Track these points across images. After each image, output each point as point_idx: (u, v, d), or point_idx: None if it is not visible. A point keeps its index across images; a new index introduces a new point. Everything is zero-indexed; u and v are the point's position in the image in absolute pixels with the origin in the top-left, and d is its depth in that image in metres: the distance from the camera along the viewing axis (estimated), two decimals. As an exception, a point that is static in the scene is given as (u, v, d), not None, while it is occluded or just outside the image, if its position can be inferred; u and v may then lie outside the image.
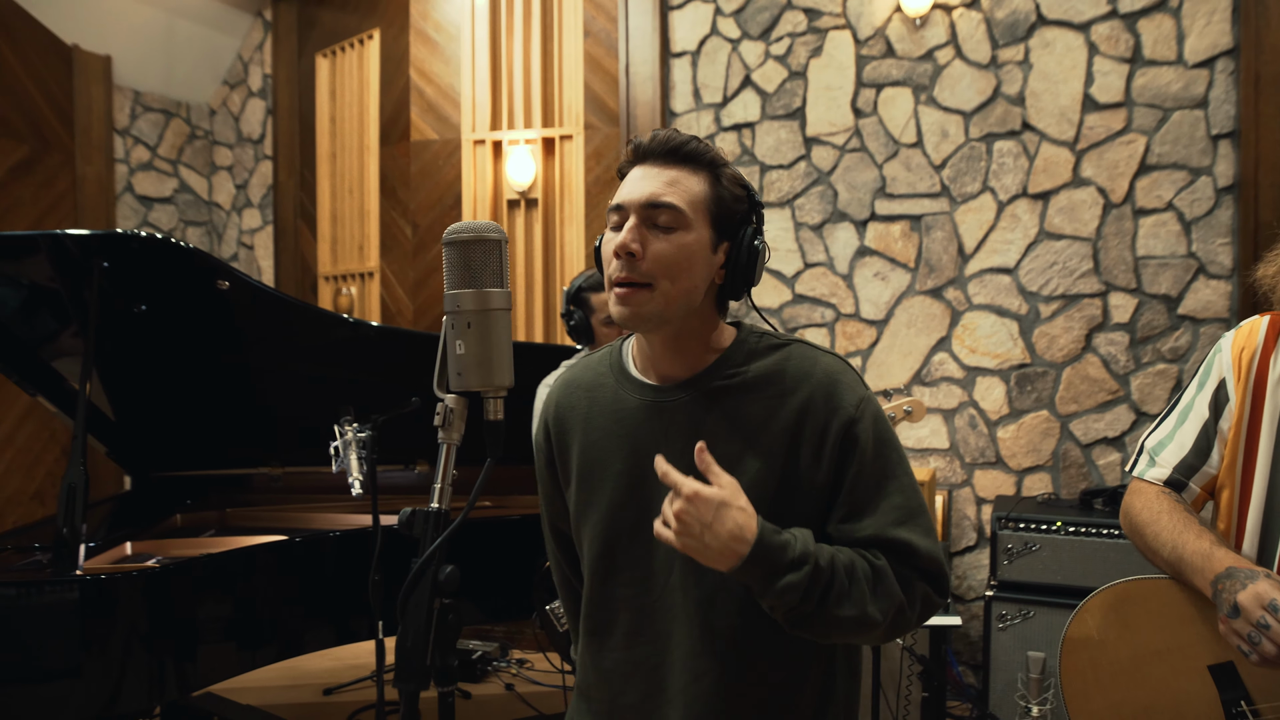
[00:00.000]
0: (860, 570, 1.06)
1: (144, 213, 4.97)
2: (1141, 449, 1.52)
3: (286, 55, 5.01)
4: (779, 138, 3.78)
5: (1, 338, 2.67)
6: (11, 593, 1.97)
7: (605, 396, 1.20)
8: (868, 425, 1.11)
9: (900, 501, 1.11)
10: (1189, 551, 1.33)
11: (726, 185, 1.13)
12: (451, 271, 0.90)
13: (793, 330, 3.77)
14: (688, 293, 1.09)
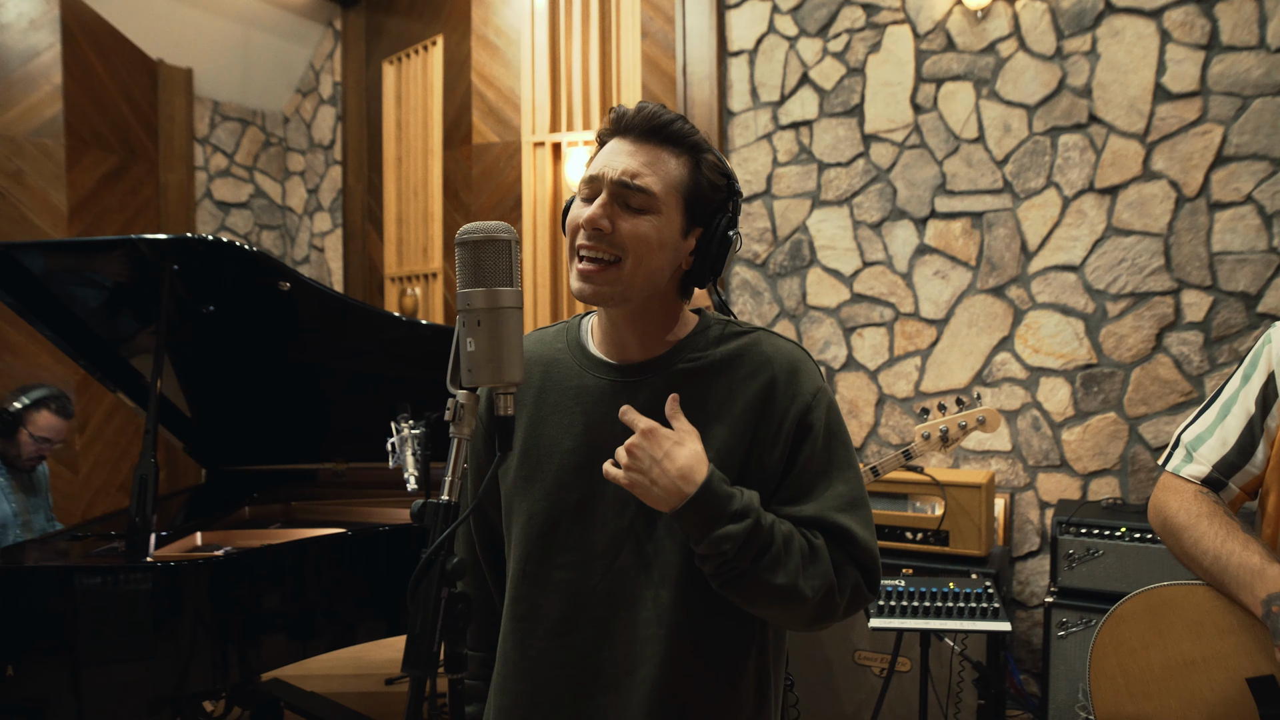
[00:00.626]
0: (797, 543, 1.05)
1: (221, 217, 5.19)
2: (1177, 442, 1.44)
3: (355, 63, 5.16)
4: (837, 135, 3.74)
5: (85, 337, 2.83)
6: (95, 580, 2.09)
7: (561, 373, 1.17)
8: (821, 414, 1.11)
9: (844, 490, 1.10)
10: (1235, 564, 1.25)
11: (706, 172, 1.10)
12: (463, 271, 0.92)
13: (851, 330, 3.73)
14: (650, 274, 1.08)
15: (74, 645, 2.09)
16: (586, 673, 1.09)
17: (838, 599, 1.07)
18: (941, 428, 2.36)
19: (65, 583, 2.10)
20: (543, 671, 1.11)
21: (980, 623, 2.00)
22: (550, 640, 1.11)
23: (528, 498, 1.14)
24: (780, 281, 3.88)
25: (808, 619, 1.08)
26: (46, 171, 4.06)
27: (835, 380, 3.76)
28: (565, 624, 1.10)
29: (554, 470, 1.13)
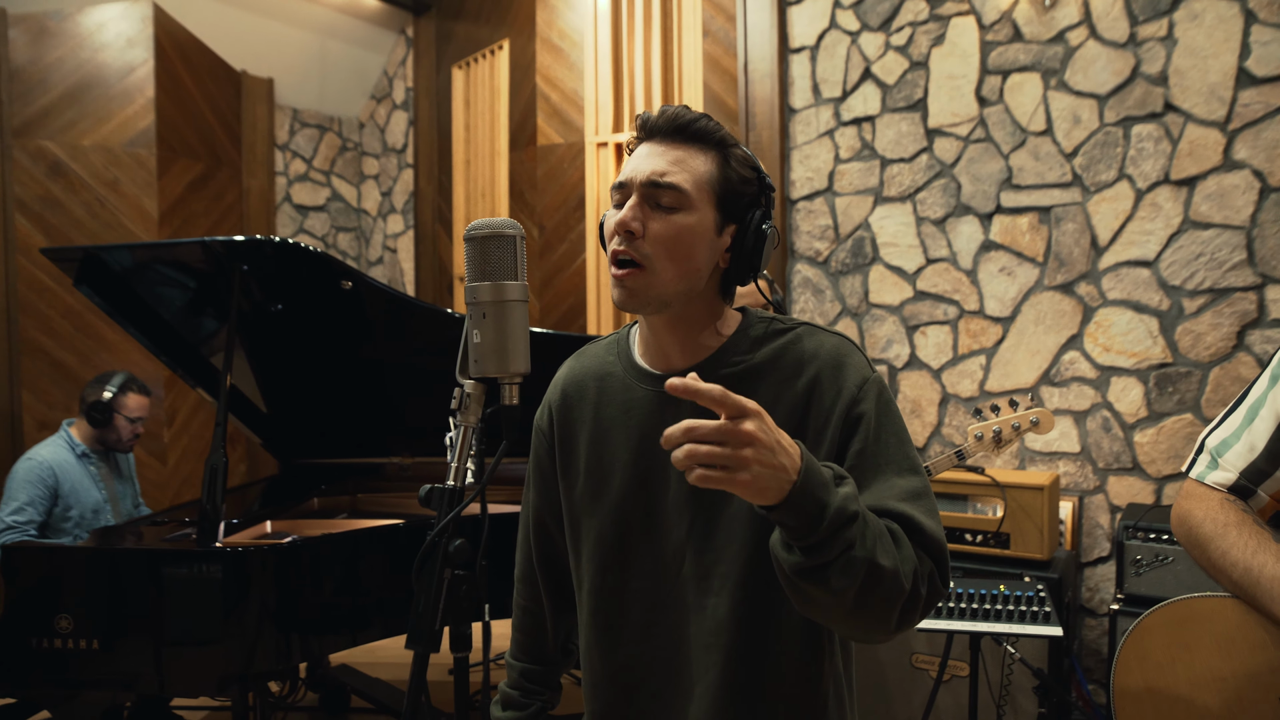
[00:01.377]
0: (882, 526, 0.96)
1: (300, 220, 5.40)
2: (1201, 447, 1.36)
3: (426, 68, 5.31)
4: (900, 130, 3.68)
5: (168, 335, 2.99)
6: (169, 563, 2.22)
7: (613, 385, 1.17)
8: (870, 404, 1.06)
9: (903, 484, 1.04)
10: (1267, 577, 1.17)
11: (735, 166, 1.09)
12: (471, 266, 0.95)
13: (914, 328, 3.66)
14: (688, 275, 1.06)
15: (157, 623, 2.22)
16: (668, 678, 1.11)
17: (922, 589, 0.98)
18: (994, 429, 2.31)
19: (144, 565, 2.23)
20: (629, 677, 1.13)
21: (1031, 626, 1.95)
22: (633, 647, 1.13)
23: (596, 514, 1.15)
24: (842, 279, 3.84)
25: (896, 618, 0.96)
26: (140, 179, 4.30)
27: (898, 379, 3.70)
28: (646, 630, 1.12)
29: (617, 485, 1.13)
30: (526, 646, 1.31)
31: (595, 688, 1.18)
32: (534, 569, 1.30)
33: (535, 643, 1.31)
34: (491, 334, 0.94)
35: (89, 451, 3.20)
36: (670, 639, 1.11)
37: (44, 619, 2.26)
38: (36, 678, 2.29)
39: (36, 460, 3.06)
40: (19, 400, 4.03)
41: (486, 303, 0.94)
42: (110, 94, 4.24)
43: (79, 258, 2.56)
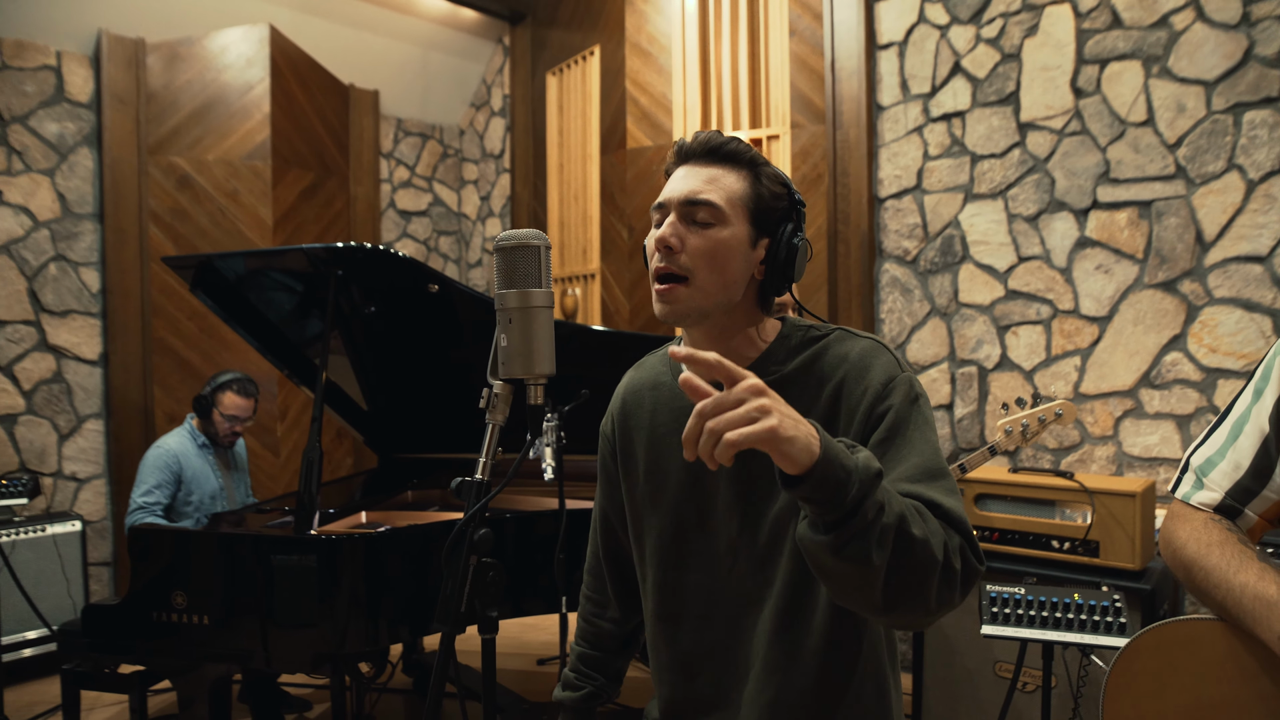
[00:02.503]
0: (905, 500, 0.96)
1: (404, 225, 5.65)
2: (1186, 466, 1.29)
3: (522, 76, 5.47)
4: (991, 125, 3.58)
5: (277, 338, 3.21)
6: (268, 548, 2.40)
7: (665, 395, 1.25)
8: (895, 401, 1.09)
9: (920, 463, 1.05)
10: (1249, 597, 1.11)
11: (766, 184, 1.15)
12: (499, 274, 1.02)
13: (1005, 328, 3.56)
14: (725, 287, 1.12)
15: (258, 602, 2.40)
16: (728, 663, 1.19)
17: (955, 562, 0.96)
18: (1022, 422, 2.30)
19: (246, 548, 2.42)
20: (693, 662, 1.22)
21: (1102, 637, 1.89)
22: (695, 635, 1.21)
23: (656, 514, 1.24)
24: (931, 278, 3.77)
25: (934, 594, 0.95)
26: (256, 190, 4.60)
27: (988, 380, 3.61)
28: (705, 621, 1.21)
29: (673, 487, 1.22)
30: (587, 633, 1.42)
31: (661, 673, 1.27)
32: (600, 562, 1.41)
33: (596, 630, 1.41)
34: (518, 338, 1.00)
35: (207, 443, 3.47)
36: (727, 628, 1.19)
37: (163, 594, 2.48)
38: (157, 647, 2.51)
39: (163, 449, 3.34)
40: (151, 395, 4.39)
41: (513, 309, 1.01)
42: (231, 111, 4.55)
43: (195, 265, 2.79)
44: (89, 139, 4.30)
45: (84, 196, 4.29)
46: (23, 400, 4.11)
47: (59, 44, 4.22)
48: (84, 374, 4.28)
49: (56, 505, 4.20)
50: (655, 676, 1.29)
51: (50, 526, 3.86)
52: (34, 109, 4.15)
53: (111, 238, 4.30)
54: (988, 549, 2.97)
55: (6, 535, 3.70)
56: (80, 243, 4.27)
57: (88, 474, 4.28)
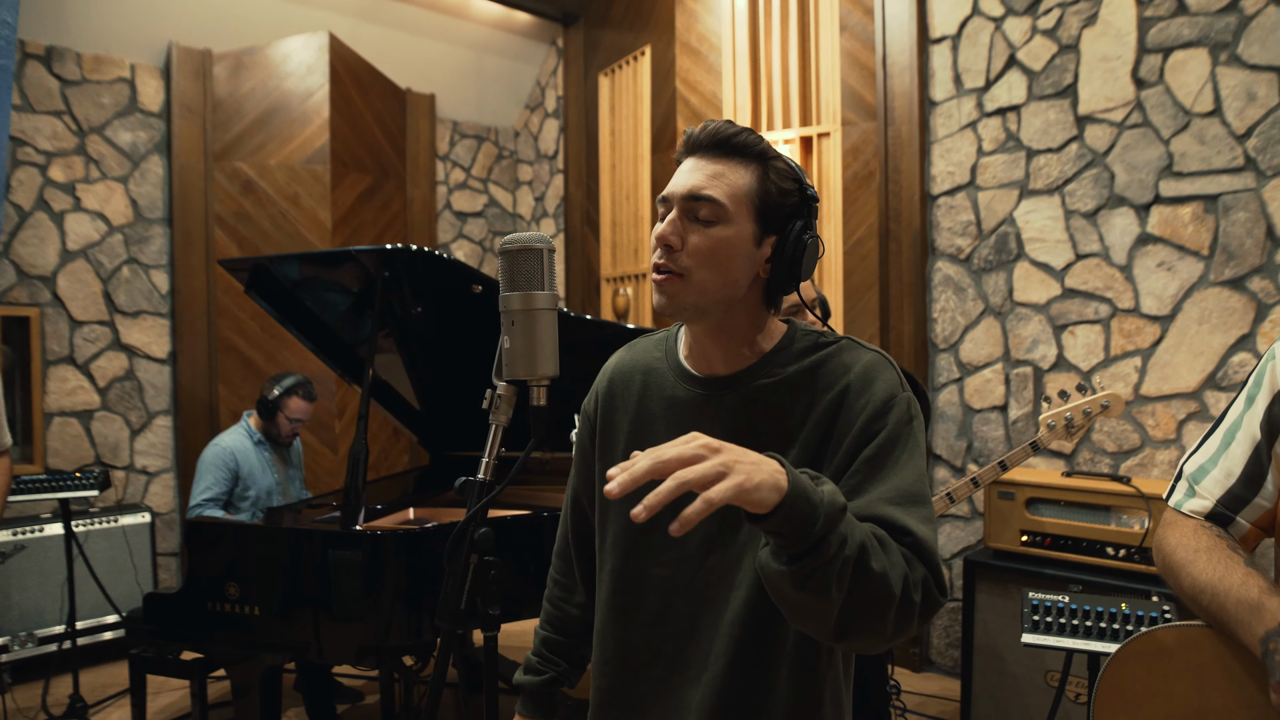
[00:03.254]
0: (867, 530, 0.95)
1: (460, 226, 5.75)
2: (1180, 474, 1.27)
3: (575, 77, 5.51)
4: (1047, 119, 3.48)
5: (331, 339, 3.29)
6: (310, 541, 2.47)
7: (658, 381, 1.21)
8: (892, 417, 1.06)
9: (901, 485, 1.03)
10: (1232, 601, 1.09)
11: (775, 179, 1.10)
12: (503, 277, 1.03)
13: (1062, 328, 3.46)
14: (725, 286, 1.09)
15: (303, 594, 2.47)
16: (677, 663, 1.14)
17: (914, 596, 0.96)
18: (1066, 415, 2.21)
19: (292, 542, 2.49)
20: (640, 659, 1.17)
21: (1148, 649, 1.82)
22: (647, 631, 1.16)
23: (626, 500, 1.15)
24: (985, 277, 3.68)
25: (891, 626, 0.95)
26: (315, 193, 4.74)
27: (1044, 381, 3.51)
28: (661, 617, 1.16)
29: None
30: (552, 617, 1.38)
31: (605, 665, 1.22)
32: (568, 545, 1.36)
33: (561, 615, 1.37)
34: (520, 340, 1.01)
35: (263, 440, 3.58)
36: (684, 626, 1.14)
37: (218, 585, 2.57)
38: (211, 636, 2.61)
39: (221, 446, 3.46)
40: (216, 393, 4.55)
41: (516, 311, 1.02)
42: (292, 117, 4.69)
43: (249, 268, 2.88)
44: (159, 147, 4.47)
45: (154, 202, 4.47)
46: (98, 397, 4.31)
47: (133, 57, 4.41)
48: (154, 372, 4.46)
49: (129, 497, 4.39)
50: (596, 668, 1.24)
51: (122, 518, 4.04)
52: (109, 119, 4.34)
53: (179, 241, 4.48)
54: (1038, 554, 2.89)
55: (80, 525, 3.88)
56: (151, 246, 4.45)
57: (157, 468, 4.46)
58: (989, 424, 3.67)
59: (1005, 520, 2.97)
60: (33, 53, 4.14)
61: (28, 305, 4.11)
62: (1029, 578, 2.85)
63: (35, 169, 4.14)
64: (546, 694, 1.34)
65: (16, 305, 4.09)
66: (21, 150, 4.10)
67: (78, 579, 3.70)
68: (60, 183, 4.21)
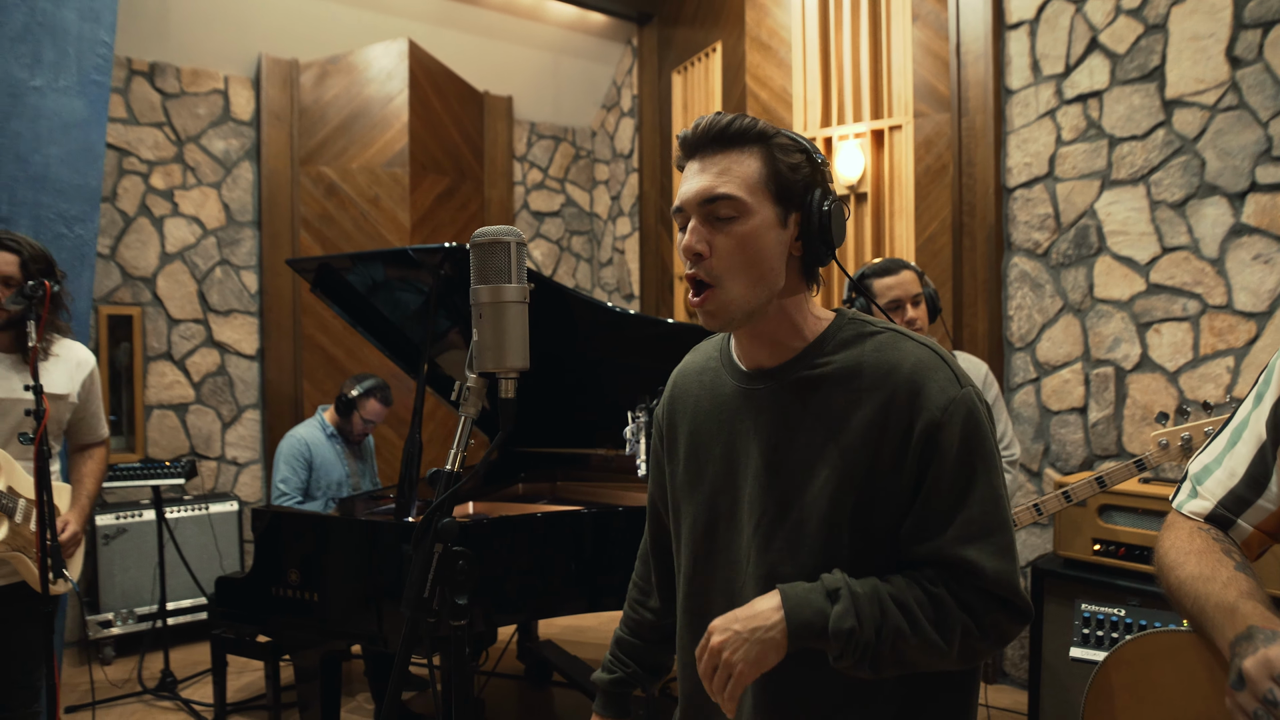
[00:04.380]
0: (913, 598, 1.01)
1: (537, 226, 5.84)
2: (1185, 474, 1.18)
3: (649, 76, 5.52)
4: (1131, 105, 3.29)
5: (398, 337, 3.39)
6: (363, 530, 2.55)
7: (711, 381, 1.20)
8: (954, 430, 1.02)
9: (975, 515, 1.02)
10: (1212, 604, 1.02)
11: (781, 156, 1.07)
12: (473, 270, 1.04)
13: (1146, 326, 3.26)
14: (764, 279, 1.06)
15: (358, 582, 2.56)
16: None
17: (977, 641, 1.03)
18: (1183, 435, 2.03)
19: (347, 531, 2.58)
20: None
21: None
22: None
23: (692, 501, 1.20)
24: (1064, 272, 3.50)
25: (954, 663, 1.05)
26: (395, 195, 4.89)
27: (1126, 382, 3.32)
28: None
29: (710, 476, 1.17)
30: (629, 620, 1.40)
31: (684, 669, 1.23)
32: (648, 550, 1.38)
33: (637, 619, 1.39)
34: (489, 332, 1.02)
35: (335, 434, 3.72)
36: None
37: (280, 571, 2.69)
38: (277, 620, 2.72)
39: (296, 438, 3.62)
40: (300, 388, 4.76)
41: (485, 304, 1.03)
42: (373, 122, 4.86)
43: (315, 267, 3.00)
44: (250, 153, 4.71)
45: (245, 206, 4.70)
46: (193, 391, 4.57)
47: (226, 69, 4.65)
48: (244, 368, 4.70)
49: (220, 487, 4.64)
50: (680, 672, 1.26)
51: (211, 505, 4.27)
52: (205, 129, 4.59)
53: (267, 243, 4.70)
54: (1111, 564, 2.74)
55: (173, 512, 4.13)
56: (241, 248, 4.69)
57: (246, 459, 4.70)
58: (1067, 426, 3.49)
59: (1076, 527, 2.82)
60: (138, 69, 4.41)
61: (131, 305, 4.39)
62: (1100, 589, 2.69)
63: (139, 177, 4.42)
64: (616, 694, 1.37)
65: (121, 305, 4.37)
66: (127, 160, 4.38)
67: (169, 563, 3.93)
68: (160, 190, 4.47)
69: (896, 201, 4.07)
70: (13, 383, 2.30)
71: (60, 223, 3.12)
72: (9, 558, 2.24)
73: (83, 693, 3.68)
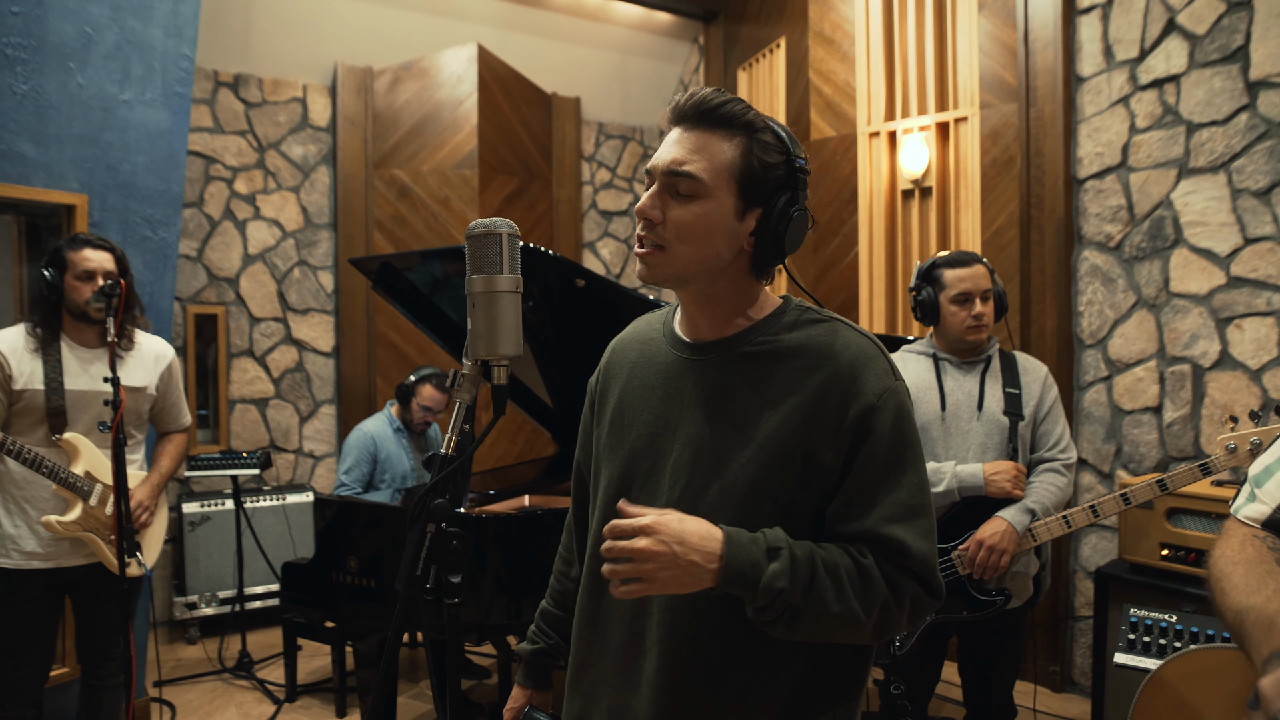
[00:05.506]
0: (844, 567, 1.04)
1: (605, 225, 5.89)
2: (1244, 478, 1.12)
3: (715, 73, 5.51)
4: (1211, 88, 3.13)
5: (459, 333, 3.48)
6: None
7: (652, 350, 1.22)
8: (887, 416, 1.05)
9: (903, 498, 1.06)
10: (1252, 619, 0.95)
11: (759, 151, 1.08)
12: (469, 261, 1.08)
13: (1226, 321, 3.10)
14: (706, 258, 1.09)
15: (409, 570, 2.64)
16: (635, 632, 1.14)
17: (895, 613, 1.06)
18: (1252, 439, 1.92)
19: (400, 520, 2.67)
20: (608, 625, 1.18)
21: (1256, 678, 1.61)
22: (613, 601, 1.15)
23: (610, 462, 1.21)
24: (1137, 266, 3.36)
25: (869, 637, 1.08)
26: (465, 196, 5.02)
27: (1204, 380, 3.16)
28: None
29: (632, 439, 1.18)
30: (553, 590, 1.42)
31: (579, 630, 1.23)
32: (574, 519, 1.38)
33: (561, 589, 1.40)
34: (481, 321, 1.06)
35: (401, 427, 3.85)
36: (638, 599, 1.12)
37: (340, 558, 2.80)
38: (338, 605, 2.84)
39: (363, 431, 3.75)
40: (374, 384, 4.92)
41: (478, 294, 1.06)
42: (443, 125, 4.99)
43: (376, 267, 3.11)
44: (326, 158, 4.90)
45: (322, 209, 4.89)
46: (272, 386, 4.78)
47: (304, 78, 4.85)
48: (320, 364, 4.89)
49: (298, 478, 4.84)
50: (574, 634, 1.25)
51: (288, 496, 4.46)
52: (284, 136, 4.80)
53: (343, 244, 4.88)
54: (1181, 570, 2.62)
55: (251, 502, 4.33)
56: (318, 249, 4.88)
57: (322, 452, 4.89)
58: (1140, 427, 3.34)
59: (1143, 531, 2.71)
60: (223, 81, 4.64)
61: (215, 304, 4.62)
62: (1169, 596, 2.58)
63: (223, 183, 4.65)
64: (537, 664, 1.38)
65: (207, 304, 4.61)
66: (213, 167, 4.62)
67: (248, 550, 4.13)
68: (243, 194, 4.70)
69: (962, 195, 3.97)
70: (94, 376, 2.46)
71: (146, 226, 3.32)
72: (83, 538, 2.40)
73: (171, 668, 3.90)
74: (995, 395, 2.32)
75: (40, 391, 2.37)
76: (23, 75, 2.92)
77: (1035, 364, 2.41)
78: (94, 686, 2.58)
